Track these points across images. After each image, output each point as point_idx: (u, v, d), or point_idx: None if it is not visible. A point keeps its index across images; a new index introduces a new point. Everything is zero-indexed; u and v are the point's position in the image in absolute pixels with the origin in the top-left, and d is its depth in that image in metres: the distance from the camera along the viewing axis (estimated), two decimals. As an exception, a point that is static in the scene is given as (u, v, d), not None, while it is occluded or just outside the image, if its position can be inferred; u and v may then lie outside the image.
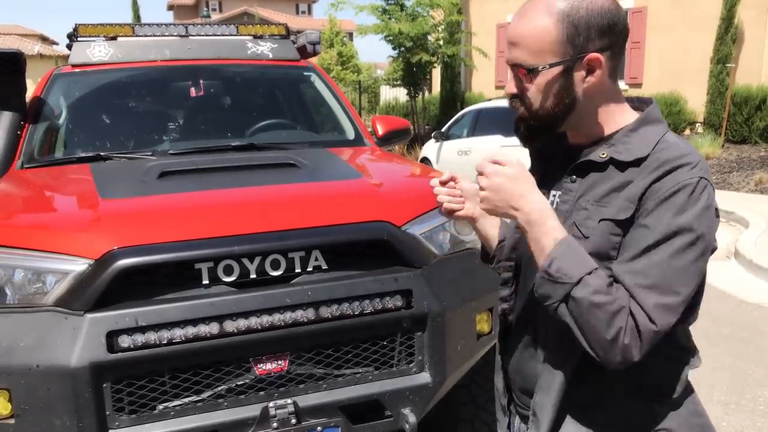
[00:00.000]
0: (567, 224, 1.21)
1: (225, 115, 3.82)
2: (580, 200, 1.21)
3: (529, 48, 1.17)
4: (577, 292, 1.09)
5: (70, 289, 2.01)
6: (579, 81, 1.18)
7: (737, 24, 12.94)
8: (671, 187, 1.10)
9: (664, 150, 1.16)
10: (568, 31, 1.15)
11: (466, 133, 11.10)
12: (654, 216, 1.11)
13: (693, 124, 14.23)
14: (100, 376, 1.95)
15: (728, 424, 3.39)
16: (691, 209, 1.10)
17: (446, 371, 2.31)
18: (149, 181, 2.58)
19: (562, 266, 1.11)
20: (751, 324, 4.90)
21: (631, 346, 1.08)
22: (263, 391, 2.14)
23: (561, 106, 1.20)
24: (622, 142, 1.20)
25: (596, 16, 1.15)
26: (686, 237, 1.09)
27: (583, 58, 1.16)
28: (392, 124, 3.89)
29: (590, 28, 1.15)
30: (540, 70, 1.17)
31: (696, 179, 1.11)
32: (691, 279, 1.10)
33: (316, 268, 2.21)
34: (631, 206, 1.13)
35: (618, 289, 1.10)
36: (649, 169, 1.14)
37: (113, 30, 3.81)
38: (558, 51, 1.16)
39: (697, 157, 1.14)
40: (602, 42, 1.16)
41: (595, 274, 1.10)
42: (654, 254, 1.10)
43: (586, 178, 1.22)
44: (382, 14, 16.13)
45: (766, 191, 9.71)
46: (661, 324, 1.08)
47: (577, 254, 1.13)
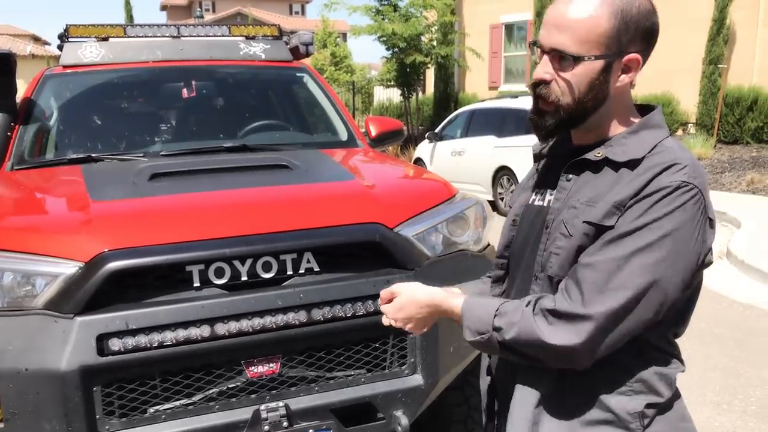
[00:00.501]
0: (556, 222, 1.21)
1: (217, 116, 3.81)
2: (571, 199, 1.21)
3: (577, 35, 1.15)
4: (498, 338, 1.17)
5: (60, 292, 1.99)
6: (614, 77, 1.18)
7: (729, 25, 12.99)
8: (652, 190, 1.10)
9: (658, 154, 1.15)
10: (619, 26, 1.14)
11: (459, 133, 11.11)
12: (626, 216, 1.11)
13: (685, 124, 14.28)
14: (90, 379, 1.93)
15: (720, 424, 3.40)
16: (662, 209, 1.08)
17: (439, 373, 2.30)
18: (140, 182, 2.57)
19: (476, 328, 1.21)
20: (742, 324, 4.92)
21: (555, 338, 1.11)
22: (255, 394, 2.13)
23: (593, 100, 1.19)
24: (620, 143, 1.19)
25: (645, 18, 1.16)
26: (651, 236, 1.08)
27: (623, 56, 1.16)
28: (385, 125, 3.88)
29: (638, 28, 1.15)
30: (584, 59, 1.15)
31: (677, 182, 1.10)
32: (642, 279, 1.08)
33: (308, 270, 2.21)
34: (617, 213, 1.12)
35: (522, 312, 1.15)
36: (638, 173, 1.14)
37: (104, 31, 3.79)
38: (605, 44, 1.15)
39: (686, 161, 1.13)
40: (643, 44, 1.17)
41: (498, 315, 1.17)
42: (611, 249, 1.10)
43: (581, 177, 1.22)
44: (375, 15, 16.13)
45: (758, 192, 9.75)
46: (592, 313, 1.09)
47: (477, 309, 1.22)
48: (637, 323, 1.10)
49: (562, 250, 1.19)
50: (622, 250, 1.09)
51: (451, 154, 11.03)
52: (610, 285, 1.08)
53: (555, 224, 1.22)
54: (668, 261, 1.09)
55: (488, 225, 2.74)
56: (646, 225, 1.09)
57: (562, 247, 1.19)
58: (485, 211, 2.74)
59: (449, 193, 2.69)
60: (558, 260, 1.19)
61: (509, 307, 1.17)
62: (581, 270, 1.12)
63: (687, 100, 13.83)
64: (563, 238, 1.19)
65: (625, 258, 1.08)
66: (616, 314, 1.09)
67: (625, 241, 1.09)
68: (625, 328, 1.10)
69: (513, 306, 1.17)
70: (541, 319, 1.13)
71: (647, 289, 1.09)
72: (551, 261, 1.20)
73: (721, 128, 13.00)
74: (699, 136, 12.74)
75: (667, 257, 1.08)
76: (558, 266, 1.19)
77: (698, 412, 3.48)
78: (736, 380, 3.94)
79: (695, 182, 1.11)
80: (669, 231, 1.08)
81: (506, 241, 1.40)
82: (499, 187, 9.85)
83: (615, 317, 1.09)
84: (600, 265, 1.10)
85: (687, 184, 1.10)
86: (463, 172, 10.54)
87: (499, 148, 9.60)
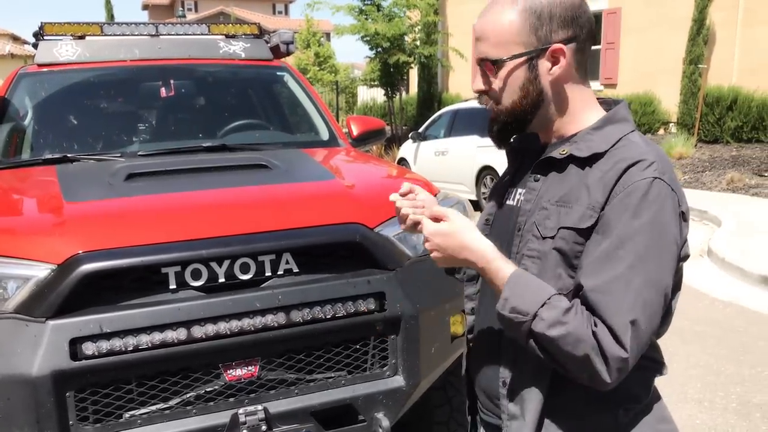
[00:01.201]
0: (528, 224, 1.20)
1: (196, 115, 3.76)
2: (541, 199, 1.20)
3: (494, 40, 1.18)
4: (535, 327, 1.09)
5: (32, 296, 1.94)
6: (544, 73, 1.18)
7: (709, 25, 13.14)
8: (624, 190, 1.08)
9: (622, 148, 1.14)
10: (530, 21, 1.15)
11: (443, 133, 11.13)
12: (608, 222, 1.09)
13: (667, 124, 14.42)
14: (63, 384, 1.89)
15: (702, 422, 3.42)
16: (642, 211, 1.07)
17: (420, 374, 2.28)
18: (116, 183, 2.52)
19: (515, 305, 1.11)
20: (723, 322, 4.95)
21: (601, 372, 1.05)
22: (233, 398, 2.09)
23: (528, 99, 1.19)
24: (584, 139, 1.18)
25: (558, 6, 1.15)
26: (641, 242, 1.06)
27: (547, 49, 1.16)
28: (367, 124, 3.86)
29: (552, 18, 1.15)
30: (504, 61, 1.17)
31: (650, 179, 1.08)
32: (656, 291, 1.07)
33: (287, 272, 2.17)
34: (593, 214, 1.11)
35: (575, 316, 1.07)
36: (604, 168, 1.13)
37: (81, 29, 3.73)
38: (521, 42, 1.16)
39: (653, 156, 1.12)
40: (565, 33, 1.16)
41: (548, 305, 1.09)
42: (613, 266, 1.07)
43: (549, 177, 1.21)
44: (358, 15, 16.12)
45: (738, 190, 9.85)
46: (631, 347, 1.05)
47: (527, 288, 1.12)
48: (652, 332, 1.09)
49: (537, 252, 1.17)
50: (621, 265, 1.06)
51: (434, 154, 11.04)
52: (626, 308, 1.05)
53: (527, 226, 1.20)
54: (661, 262, 1.08)
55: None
56: (634, 231, 1.06)
57: (535, 249, 1.17)
58: (467, 210, 2.72)
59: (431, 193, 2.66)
60: (535, 265, 1.17)
61: (564, 304, 1.10)
62: (592, 296, 1.08)
63: (668, 100, 13.96)
64: (536, 240, 1.17)
65: (628, 272, 1.06)
66: (641, 339, 1.07)
67: (620, 254, 1.07)
68: (645, 341, 1.08)
69: (567, 304, 1.10)
70: (601, 329, 1.07)
71: (654, 299, 1.07)
72: (525, 263, 1.18)
73: (701, 128, 13.13)
74: (680, 135, 12.86)
75: (659, 259, 1.08)
76: (540, 276, 1.16)
77: (680, 410, 3.49)
78: (716, 377, 3.96)
79: (665, 178, 1.10)
80: (655, 232, 1.07)
81: None
82: (482, 187, 9.87)
83: (640, 342, 1.07)
84: (608, 287, 1.06)
85: (658, 180, 1.09)
86: (446, 172, 10.56)
87: (482, 147, 9.62)
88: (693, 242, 7.17)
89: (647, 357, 1.15)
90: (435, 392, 2.62)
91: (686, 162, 11.91)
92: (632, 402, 1.19)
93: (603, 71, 15.48)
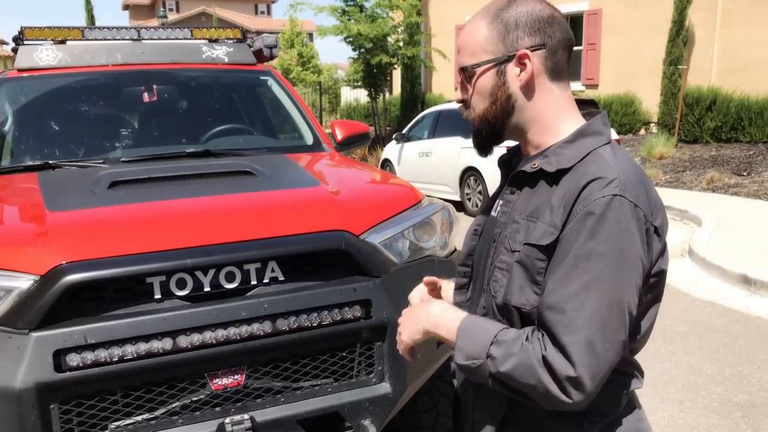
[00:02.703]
0: (501, 236, 1.22)
1: (179, 120, 3.74)
2: (513, 213, 1.22)
3: (467, 50, 1.23)
4: (491, 368, 1.12)
5: (15, 307, 1.93)
6: (513, 78, 1.20)
7: (688, 27, 13.31)
8: (584, 209, 1.08)
9: (587, 163, 1.14)
10: (498, 29, 1.20)
11: (426, 134, 11.15)
12: (567, 241, 1.09)
13: (648, 124, 14.58)
14: (47, 396, 1.87)
15: (684, 421, 3.47)
16: (602, 231, 1.07)
17: (406, 381, 2.29)
18: (99, 191, 2.50)
19: (469, 351, 1.15)
20: (704, 321, 5.02)
21: (557, 394, 1.06)
22: (219, 407, 2.09)
23: (497, 105, 1.22)
24: (556, 153, 1.18)
25: (525, 16, 1.19)
26: (597, 261, 1.06)
27: (515, 55, 1.19)
28: (351, 128, 3.86)
29: (518, 26, 1.19)
30: (475, 67, 1.22)
31: (609, 197, 1.08)
32: (616, 310, 1.07)
33: (273, 280, 2.17)
34: (554, 231, 1.12)
35: (522, 344, 1.09)
36: (567, 186, 1.13)
37: (61, 33, 3.68)
38: (490, 50, 1.20)
39: (615, 172, 1.11)
40: (533, 40, 1.19)
41: (496, 343, 1.12)
42: (567, 284, 1.07)
43: (522, 191, 1.23)
44: (341, 15, 16.10)
45: (718, 190, 9.98)
46: (584, 364, 1.04)
47: (475, 333, 1.16)
48: (614, 350, 1.08)
49: (506, 264, 1.19)
50: (575, 284, 1.07)
51: (418, 155, 11.06)
52: (578, 326, 1.05)
53: (500, 238, 1.22)
54: (619, 280, 1.07)
55: (454, 230, 2.73)
56: (589, 251, 1.07)
57: (505, 261, 1.19)
58: (451, 216, 2.74)
59: (415, 199, 2.68)
60: (504, 277, 1.18)
61: (510, 335, 1.11)
62: (547, 314, 1.09)
63: (649, 100, 14.13)
64: (506, 253, 1.19)
65: (582, 291, 1.06)
66: (599, 357, 1.06)
67: (575, 273, 1.07)
68: (605, 359, 1.07)
69: (513, 335, 1.11)
70: (550, 350, 1.08)
71: (613, 318, 1.07)
72: (496, 275, 1.20)
73: (681, 128, 13.29)
74: (661, 135, 13.01)
75: (617, 278, 1.07)
76: (507, 288, 1.17)
77: (661, 410, 3.54)
78: (698, 377, 4.01)
79: (627, 194, 1.09)
80: (613, 251, 1.07)
81: (468, 250, 1.40)
82: (466, 188, 9.91)
83: (598, 360, 1.06)
84: (561, 305, 1.07)
85: (617, 197, 1.08)
86: (430, 173, 10.58)
87: (465, 148, 9.65)
88: (674, 242, 7.28)
89: (616, 370, 1.13)
90: (421, 396, 2.63)
91: (667, 162, 12.04)
92: (599, 415, 1.18)
93: (584, 72, 15.62)
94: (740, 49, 12.87)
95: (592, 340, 1.05)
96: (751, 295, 5.54)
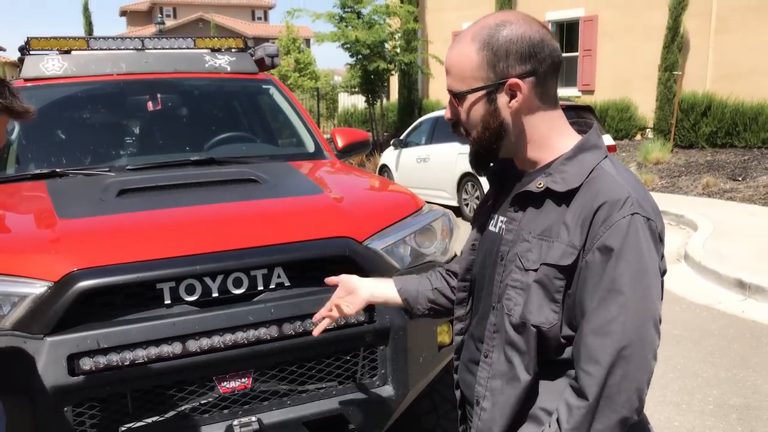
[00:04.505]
0: (510, 254, 1.24)
1: (183, 129, 3.80)
2: (522, 231, 1.24)
3: (457, 74, 1.24)
4: None
5: (29, 313, 1.98)
6: (504, 106, 1.22)
7: (683, 33, 13.42)
8: (606, 230, 1.12)
9: (596, 180, 1.18)
10: (488, 57, 1.20)
11: (424, 140, 11.21)
12: (597, 265, 1.13)
13: (643, 129, 14.68)
14: (61, 399, 1.93)
15: (680, 424, 3.52)
16: (628, 252, 1.11)
17: (409, 383, 2.35)
18: (108, 199, 2.56)
19: None
20: (700, 325, 5.08)
21: None
22: (227, 410, 2.15)
23: (489, 131, 1.24)
24: (559, 171, 1.21)
25: (515, 43, 1.19)
26: (630, 283, 1.11)
27: (505, 83, 1.20)
28: (352, 136, 3.93)
29: (509, 54, 1.19)
30: (465, 94, 1.23)
31: (628, 217, 1.12)
32: (650, 323, 1.12)
33: (279, 285, 2.23)
34: (573, 252, 1.15)
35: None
36: (581, 204, 1.16)
37: (67, 43, 3.74)
38: (480, 77, 1.21)
39: (627, 190, 1.15)
40: (523, 68, 1.20)
41: None
42: (608, 308, 1.11)
43: (528, 209, 1.25)
44: (338, 22, 16.17)
45: (713, 195, 10.06)
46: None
47: None
48: (654, 353, 1.14)
49: (520, 283, 1.21)
50: (614, 306, 1.11)
51: (416, 161, 11.12)
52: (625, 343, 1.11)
53: (510, 257, 1.24)
54: (648, 291, 1.12)
55: (455, 235, 2.80)
56: (621, 273, 1.11)
57: (518, 280, 1.21)
58: (452, 222, 2.80)
59: (416, 206, 2.74)
60: (520, 296, 1.21)
61: None
62: (590, 338, 1.13)
63: (645, 106, 14.23)
64: (519, 272, 1.21)
65: (622, 312, 1.11)
66: (646, 369, 1.12)
67: (612, 295, 1.11)
68: (652, 366, 1.13)
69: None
70: None
71: (649, 326, 1.12)
72: (509, 294, 1.23)
73: (677, 133, 13.39)
74: (657, 140, 13.10)
75: (647, 289, 1.12)
76: (525, 307, 1.20)
77: (658, 413, 3.60)
78: (694, 380, 4.07)
79: (641, 212, 1.14)
80: (640, 268, 1.11)
81: (467, 265, 1.43)
82: (463, 193, 9.97)
83: (645, 371, 1.12)
84: (607, 328, 1.11)
85: (636, 215, 1.13)
86: (428, 179, 10.64)
87: (463, 154, 9.71)
88: (670, 247, 7.34)
89: None
90: (422, 399, 2.68)
91: (663, 167, 12.13)
92: None
93: (581, 78, 15.73)
94: (735, 55, 12.99)
95: (635, 353, 1.10)
96: (746, 299, 5.61)
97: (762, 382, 4.01)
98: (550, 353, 1.21)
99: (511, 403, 1.24)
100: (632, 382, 1.10)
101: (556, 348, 1.20)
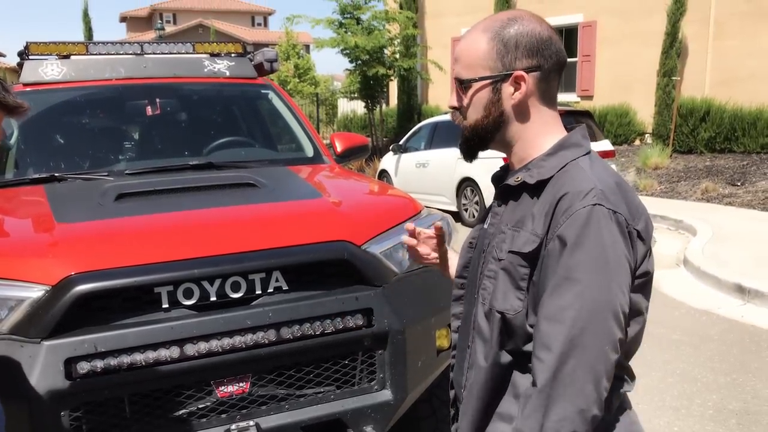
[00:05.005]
0: (490, 245, 1.28)
1: (182, 133, 3.80)
2: (501, 224, 1.28)
3: (465, 62, 1.28)
4: None
5: (27, 317, 1.98)
6: (507, 97, 1.26)
7: (681, 39, 13.46)
8: (566, 219, 1.13)
9: (566, 173, 1.20)
10: (497, 48, 1.24)
11: (423, 145, 11.22)
12: (554, 254, 1.14)
13: (642, 135, 14.70)
14: (58, 403, 1.92)
15: (679, 429, 3.51)
16: (586, 241, 1.11)
17: (407, 388, 2.34)
18: (106, 203, 2.56)
19: None
20: (699, 330, 5.07)
21: None
22: (225, 414, 2.14)
23: (489, 118, 1.28)
24: (537, 166, 1.25)
25: (525, 37, 1.23)
26: (586, 272, 1.11)
27: (511, 75, 1.24)
28: (351, 141, 3.93)
29: (518, 47, 1.23)
30: (472, 82, 1.27)
31: (588, 207, 1.13)
32: (609, 314, 1.11)
33: (277, 289, 2.23)
34: (535, 239, 1.18)
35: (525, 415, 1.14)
36: (547, 196, 1.19)
37: (66, 48, 3.75)
38: (488, 66, 1.25)
39: (591, 183, 1.15)
40: (530, 62, 1.24)
41: None
42: (561, 296, 1.12)
43: (509, 203, 1.29)
44: (338, 28, 16.20)
45: (712, 200, 10.06)
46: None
47: None
48: (614, 345, 1.12)
49: (493, 272, 1.25)
50: (570, 294, 1.11)
51: (415, 166, 11.13)
52: (575, 335, 1.10)
53: (489, 248, 1.28)
54: (609, 282, 1.11)
55: (453, 240, 2.80)
56: (577, 262, 1.11)
57: (492, 269, 1.25)
58: (450, 226, 2.80)
59: (415, 210, 2.74)
60: (491, 285, 1.24)
61: None
62: (544, 323, 1.13)
63: (644, 111, 14.26)
64: (494, 262, 1.25)
65: (577, 300, 1.11)
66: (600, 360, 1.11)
67: (568, 283, 1.12)
68: (611, 357, 1.12)
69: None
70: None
71: (608, 317, 1.11)
72: (484, 284, 1.26)
73: (676, 138, 13.41)
74: (656, 145, 13.13)
75: (606, 280, 1.11)
76: (493, 294, 1.23)
77: (658, 418, 3.59)
78: (693, 385, 4.06)
79: (605, 203, 1.14)
80: (598, 257, 1.11)
81: (464, 262, 1.45)
82: (463, 198, 9.97)
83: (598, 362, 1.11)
84: (560, 315, 1.12)
85: (597, 206, 1.13)
86: (427, 184, 10.65)
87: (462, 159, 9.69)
88: (669, 251, 7.35)
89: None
90: (421, 404, 2.68)
91: (662, 172, 12.14)
92: None
93: (579, 83, 15.75)
94: (733, 60, 13.02)
95: (589, 342, 1.10)
96: (745, 304, 5.61)
97: (761, 387, 4.00)
98: (519, 342, 1.22)
99: (474, 392, 1.26)
100: (587, 373, 1.10)
101: (523, 337, 1.21)
